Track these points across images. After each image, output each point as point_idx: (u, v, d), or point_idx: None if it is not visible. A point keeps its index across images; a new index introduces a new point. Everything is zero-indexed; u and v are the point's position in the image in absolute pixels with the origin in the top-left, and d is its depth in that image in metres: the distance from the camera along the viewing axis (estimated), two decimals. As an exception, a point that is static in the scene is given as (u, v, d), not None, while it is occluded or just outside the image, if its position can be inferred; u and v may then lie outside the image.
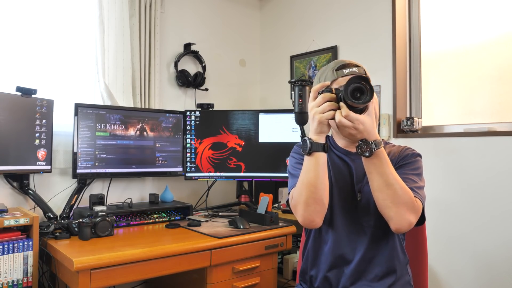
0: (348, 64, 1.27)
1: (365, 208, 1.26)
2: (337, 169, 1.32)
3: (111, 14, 2.19)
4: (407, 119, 2.15)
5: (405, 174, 1.23)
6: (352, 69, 1.25)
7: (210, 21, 2.77)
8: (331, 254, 1.28)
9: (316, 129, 1.15)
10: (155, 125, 2.24)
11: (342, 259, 1.27)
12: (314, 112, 1.14)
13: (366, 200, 1.26)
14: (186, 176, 2.37)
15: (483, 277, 1.86)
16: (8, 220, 1.54)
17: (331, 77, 1.26)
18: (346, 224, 1.28)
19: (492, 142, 1.85)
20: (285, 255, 2.29)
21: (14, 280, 1.55)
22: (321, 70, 1.33)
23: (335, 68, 1.27)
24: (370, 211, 1.25)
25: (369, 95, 1.08)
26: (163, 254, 1.57)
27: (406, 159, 1.28)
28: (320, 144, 1.15)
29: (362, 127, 1.10)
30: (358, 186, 1.28)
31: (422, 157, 1.32)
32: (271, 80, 2.98)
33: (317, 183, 1.16)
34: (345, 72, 1.25)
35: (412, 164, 1.27)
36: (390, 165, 1.15)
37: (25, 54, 2.02)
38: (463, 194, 1.94)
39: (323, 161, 1.17)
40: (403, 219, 1.14)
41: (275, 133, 2.36)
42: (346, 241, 1.27)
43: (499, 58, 1.96)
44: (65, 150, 2.07)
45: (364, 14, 2.38)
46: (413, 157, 1.29)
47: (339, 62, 1.28)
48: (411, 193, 1.15)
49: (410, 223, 1.15)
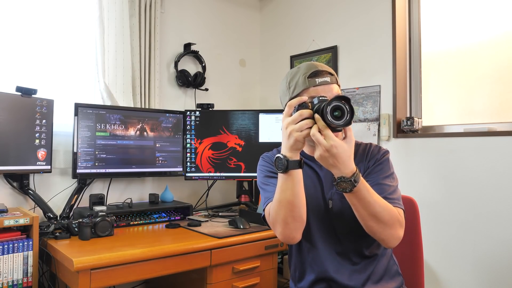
0: (320, 72, 1.20)
1: (339, 216, 1.24)
2: (306, 176, 1.27)
3: (111, 14, 2.19)
4: (407, 119, 2.15)
5: (379, 180, 1.21)
6: (324, 79, 1.19)
7: (210, 21, 2.77)
8: (315, 268, 1.28)
9: (292, 146, 1.07)
10: (155, 125, 2.24)
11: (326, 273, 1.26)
12: (292, 130, 1.06)
13: (338, 208, 1.24)
14: (186, 176, 2.37)
15: (483, 277, 1.86)
16: (8, 220, 1.54)
17: (303, 84, 1.20)
18: (322, 231, 1.27)
19: (492, 142, 1.85)
20: (285, 255, 2.30)
21: (14, 280, 1.55)
22: (291, 72, 1.26)
23: (307, 75, 1.20)
24: (344, 218, 1.23)
25: (349, 117, 1.02)
26: (163, 254, 1.57)
27: (377, 160, 1.26)
28: (296, 162, 1.09)
29: (335, 151, 1.02)
30: (328, 194, 1.26)
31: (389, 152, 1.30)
32: (271, 80, 2.98)
33: (295, 202, 1.13)
34: (317, 81, 1.19)
35: (382, 165, 1.25)
36: (372, 193, 1.10)
37: (25, 54, 2.02)
38: (463, 194, 1.94)
39: (299, 178, 1.12)
40: (393, 238, 1.15)
41: (275, 133, 2.36)
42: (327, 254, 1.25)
43: (499, 58, 1.96)
44: (65, 150, 2.07)
45: (364, 14, 2.38)
46: (383, 156, 1.27)
47: (311, 68, 1.21)
48: (394, 211, 1.14)
49: (399, 237, 1.17)
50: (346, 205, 1.17)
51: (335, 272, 1.24)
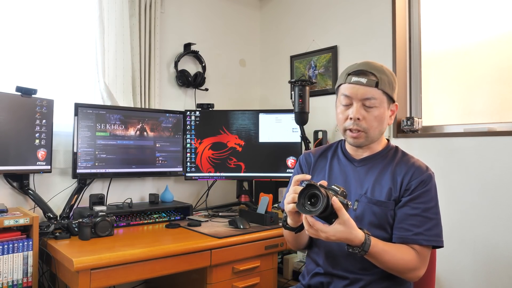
0: (362, 72, 1.22)
1: (359, 219, 1.24)
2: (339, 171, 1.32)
3: (111, 14, 2.19)
4: (407, 119, 2.15)
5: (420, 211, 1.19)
6: (360, 79, 1.21)
7: (210, 21, 2.77)
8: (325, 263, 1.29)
9: (289, 217, 1.19)
10: (155, 125, 2.24)
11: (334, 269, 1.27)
12: (285, 201, 1.15)
13: (361, 212, 1.24)
14: (186, 176, 2.37)
15: (482, 277, 1.86)
16: (8, 220, 1.54)
17: (341, 79, 1.27)
18: None
19: (492, 142, 1.85)
20: (285, 255, 2.29)
21: (14, 280, 1.55)
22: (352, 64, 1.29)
23: (350, 71, 1.24)
24: (363, 223, 1.23)
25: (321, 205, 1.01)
26: (163, 254, 1.57)
27: (423, 183, 1.21)
28: (294, 228, 1.20)
29: (325, 235, 1.07)
30: (357, 195, 1.27)
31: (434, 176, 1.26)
32: (271, 80, 2.98)
33: (297, 245, 1.35)
34: (352, 79, 1.23)
35: (429, 192, 1.21)
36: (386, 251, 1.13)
37: (25, 54, 2.02)
38: (463, 194, 1.94)
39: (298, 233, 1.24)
40: (410, 279, 1.20)
41: (275, 133, 2.36)
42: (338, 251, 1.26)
43: (499, 57, 1.96)
44: (65, 150, 2.07)
45: (364, 14, 2.38)
46: (425, 185, 1.21)
47: (360, 65, 1.24)
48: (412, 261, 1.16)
49: (418, 277, 1.19)
50: (368, 212, 1.22)
51: (344, 270, 1.25)
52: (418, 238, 1.18)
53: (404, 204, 1.21)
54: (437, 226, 1.21)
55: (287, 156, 2.33)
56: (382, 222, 1.22)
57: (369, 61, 1.28)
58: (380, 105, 1.23)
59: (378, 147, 1.32)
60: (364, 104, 1.22)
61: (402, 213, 1.21)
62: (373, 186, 1.26)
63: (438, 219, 1.21)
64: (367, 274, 1.23)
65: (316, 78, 2.62)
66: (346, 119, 1.25)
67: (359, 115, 1.22)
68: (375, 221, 1.22)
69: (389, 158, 1.30)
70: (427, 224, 1.18)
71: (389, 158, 1.30)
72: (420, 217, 1.19)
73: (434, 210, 1.21)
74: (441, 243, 1.20)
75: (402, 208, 1.21)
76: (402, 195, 1.22)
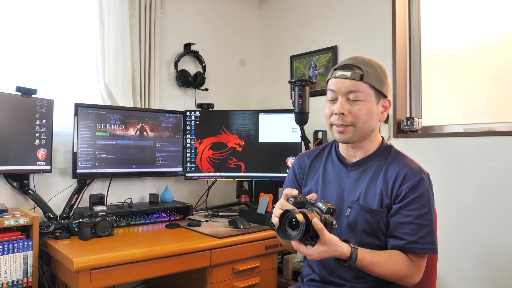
0: (347, 65, 1.22)
1: (351, 226, 1.22)
2: (333, 174, 1.30)
3: (111, 14, 2.19)
4: (407, 119, 2.15)
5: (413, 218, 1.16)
6: (344, 72, 1.20)
7: (210, 21, 2.77)
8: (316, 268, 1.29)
9: None
10: (155, 125, 2.24)
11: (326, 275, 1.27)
12: (273, 214, 1.13)
13: (353, 219, 1.22)
14: (186, 176, 2.37)
15: (483, 276, 1.86)
16: (8, 220, 1.54)
17: (329, 75, 1.27)
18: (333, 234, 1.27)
19: (492, 142, 1.85)
20: (285, 255, 2.29)
21: (14, 280, 1.55)
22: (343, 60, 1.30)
23: (338, 66, 1.25)
24: (356, 230, 1.21)
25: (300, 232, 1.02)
26: (163, 254, 1.57)
27: (414, 187, 1.18)
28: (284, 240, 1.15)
29: (308, 256, 1.09)
30: (349, 202, 1.24)
31: (429, 178, 1.22)
32: (271, 80, 2.98)
33: (291, 249, 1.29)
34: (337, 73, 1.22)
35: (422, 197, 1.17)
36: (375, 262, 1.12)
37: (25, 54, 2.02)
38: (463, 194, 1.94)
39: None
40: (406, 285, 1.19)
41: (275, 133, 2.36)
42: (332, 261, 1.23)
43: (499, 58, 1.96)
44: (65, 150, 2.07)
45: (364, 14, 2.38)
46: (416, 190, 1.17)
47: (347, 60, 1.25)
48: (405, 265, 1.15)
49: (413, 283, 1.18)
50: (361, 219, 1.20)
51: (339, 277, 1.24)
52: (412, 247, 1.15)
53: (396, 212, 1.18)
54: (431, 233, 1.17)
55: (287, 156, 2.33)
56: (375, 230, 1.20)
57: (358, 55, 1.26)
58: (366, 99, 1.19)
59: (372, 146, 1.28)
60: (348, 98, 1.20)
61: (395, 222, 1.18)
62: (366, 190, 1.22)
63: (431, 225, 1.17)
64: (363, 282, 1.21)
65: (316, 78, 2.62)
66: (332, 114, 1.23)
67: (343, 110, 1.19)
68: (368, 229, 1.20)
69: (382, 159, 1.26)
70: (420, 231, 1.15)
71: (382, 158, 1.26)
72: (413, 225, 1.15)
73: (427, 216, 1.17)
74: (435, 250, 1.17)
75: (394, 217, 1.18)
76: (394, 201, 1.19)
